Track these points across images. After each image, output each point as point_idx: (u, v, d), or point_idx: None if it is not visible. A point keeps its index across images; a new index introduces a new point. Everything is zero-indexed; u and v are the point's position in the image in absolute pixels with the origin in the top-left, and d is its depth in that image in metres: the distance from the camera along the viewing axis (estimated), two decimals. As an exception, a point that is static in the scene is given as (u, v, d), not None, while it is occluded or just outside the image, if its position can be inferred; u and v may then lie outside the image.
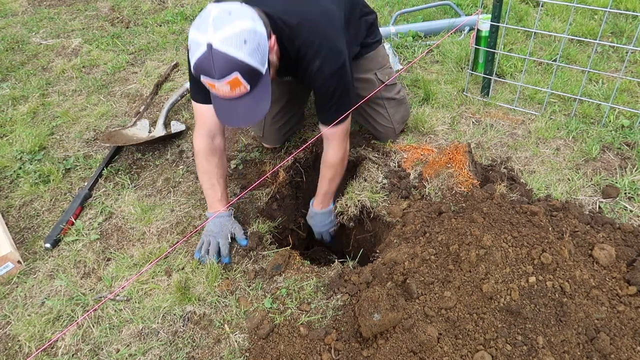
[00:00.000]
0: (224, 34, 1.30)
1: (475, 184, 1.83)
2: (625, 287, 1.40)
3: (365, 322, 1.32)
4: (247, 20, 1.34)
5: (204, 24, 1.32)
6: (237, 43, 1.30)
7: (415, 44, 2.94)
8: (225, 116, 1.48)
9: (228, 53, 1.30)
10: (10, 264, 1.77)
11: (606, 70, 2.53)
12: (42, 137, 2.44)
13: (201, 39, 1.31)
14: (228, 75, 1.33)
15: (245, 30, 1.32)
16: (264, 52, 1.40)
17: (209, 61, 1.30)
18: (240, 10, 1.36)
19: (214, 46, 1.29)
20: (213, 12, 1.34)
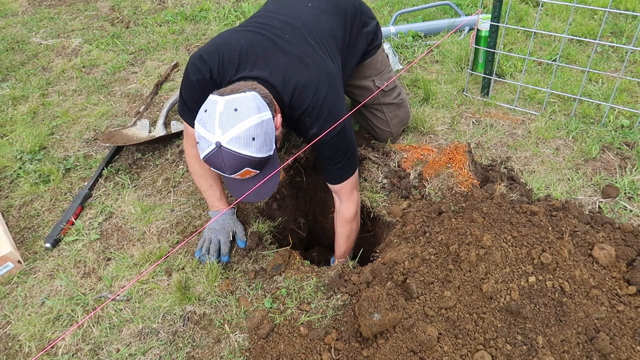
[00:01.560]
0: (231, 134, 1.31)
1: (475, 184, 1.83)
2: (625, 287, 1.40)
3: (365, 322, 1.32)
4: (253, 117, 1.34)
5: (211, 123, 1.33)
6: (246, 142, 1.33)
7: (415, 44, 2.94)
8: (236, 192, 1.50)
9: (237, 152, 1.33)
10: (11, 264, 1.77)
11: (606, 70, 2.53)
12: (42, 137, 2.44)
13: (210, 137, 1.33)
14: (239, 171, 1.38)
15: (252, 127, 1.33)
16: (272, 139, 1.42)
17: (219, 159, 1.34)
18: (245, 105, 1.35)
19: (223, 146, 1.32)
20: (219, 107, 1.34)
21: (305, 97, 1.52)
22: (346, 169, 1.67)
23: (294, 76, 1.52)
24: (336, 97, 1.59)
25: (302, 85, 1.52)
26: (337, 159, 1.63)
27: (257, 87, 1.45)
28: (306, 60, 1.55)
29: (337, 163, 1.64)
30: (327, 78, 1.56)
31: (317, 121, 1.55)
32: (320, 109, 1.54)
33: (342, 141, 1.60)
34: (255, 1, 3.72)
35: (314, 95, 1.52)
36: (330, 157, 1.64)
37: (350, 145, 1.64)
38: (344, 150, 1.62)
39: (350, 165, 1.67)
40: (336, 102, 1.58)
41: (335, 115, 1.56)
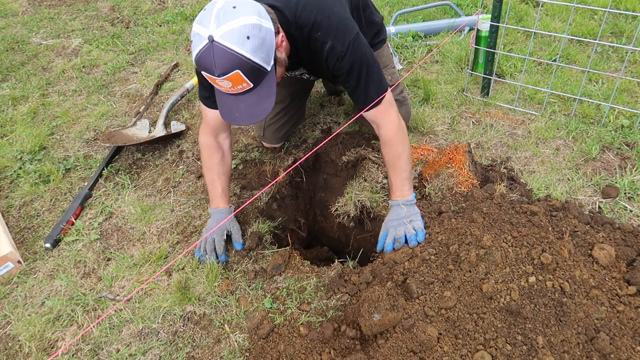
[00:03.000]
0: (226, 28, 1.25)
1: (475, 184, 1.83)
2: (625, 287, 1.40)
3: (365, 322, 1.32)
4: (252, 16, 1.29)
5: (207, 17, 1.27)
6: (240, 39, 1.25)
7: (415, 44, 2.94)
8: (227, 113, 1.44)
9: (229, 47, 1.25)
10: (11, 264, 1.77)
11: (606, 70, 2.53)
12: (42, 137, 2.44)
13: (203, 32, 1.26)
14: (229, 73, 1.29)
15: (249, 26, 1.27)
16: (269, 49, 1.34)
17: (210, 56, 1.26)
18: (246, 5, 1.31)
19: (215, 40, 1.24)
20: (218, 4, 1.29)
21: (310, 10, 1.50)
22: (373, 87, 1.57)
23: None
24: (344, 10, 1.57)
25: (304, 1, 1.50)
26: (358, 73, 1.54)
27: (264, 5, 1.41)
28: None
29: (358, 79, 1.55)
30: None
31: (329, 33, 1.50)
32: (329, 21, 1.50)
33: (358, 49, 1.52)
34: (255, 1, 3.72)
35: (319, 9, 1.50)
36: (350, 73, 1.55)
37: (368, 55, 1.55)
38: (364, 61, 1.54)
39: (375, 81, 1.58)
40: (344, 14, 1.55)
41: (346, 26, 1.52)
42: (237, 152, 2.26)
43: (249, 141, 2.33)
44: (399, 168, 1.67)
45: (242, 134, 2.38)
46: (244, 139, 2.34)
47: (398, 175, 1.68)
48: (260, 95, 1.38)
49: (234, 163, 2.18)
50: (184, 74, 2.94)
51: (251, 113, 1.40)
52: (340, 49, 1.51)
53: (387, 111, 1.63)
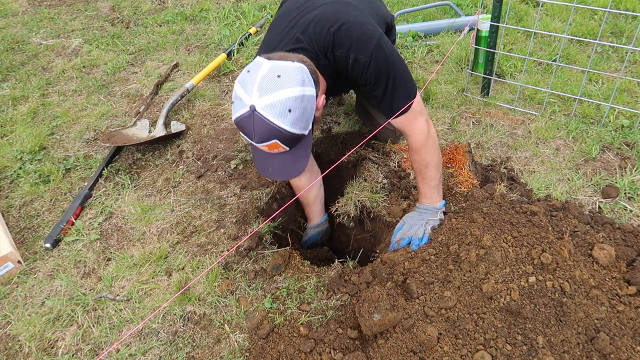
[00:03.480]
0: (268, 100, 1.24)
1: (475, 184, 1.83)
2: (625, 287, 1.40)
3: (365, 322, 1.32)
4: (296, 87, 1.27)
5: (251, 84, 1.27)
6: (281, 112, 1.25)
7: (415, 44, 2.94)
8: (262, 166, 1.44)
9: (270, 120, 1.25)
10: (11, 264, 1.77)
11: (606, 70, 2.53)
12: (42, 137, 2.44)
13: (245, 99, 1.27)
14: (267, 142, 1.30)
15: (292, 99, 1.26)
16: (309, 117, 1.34)
17: (250, 124, 1.27)
18: (290, 74, 1.28)
19: (256, 110, 1.25)
20: (262, 70, 1.28)
21: (323, 26, 1.46)
22: (399, 95, 1.52)
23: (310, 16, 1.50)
24: (361, 14, 1.51)
25: (317, 20, 1.48)
26: (385, 81, 1.49)
27: (307, 62, 1.39)
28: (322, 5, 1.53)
29: (385, 88, 1.50)
30: (342, 6, 1.51)
31: (350, 47, 1.46)
32: (347, 33, 1.45)
33: (382, 56, 1.46)
34: (255, 1, 3.72)
35: (334, 22, 1.46)
36: (377, 82, 1.50)
37: (394, 59, 1.49)
38: (390, 66, 1.48)
39: (402, 89, 1.52)
40: (362, 19, 1.48)
41: (366, 33, 1.46)
42: (237, 152, 2.26)
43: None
44: (428, 177, 1.64)
45: (242, 134, 2.38)
46: (244, 139, 2.34)
47: (426, 183, 1.66)
48: (295, 155, 1.38)
49: (234, 163, 2.18)
50: (184, 74, 2.95)
51: (284, 170, 1.40)
52: (364, 59, 1.47)
53: (415, 120, 1.58)
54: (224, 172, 2.15)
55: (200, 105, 2.64)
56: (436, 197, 1.67)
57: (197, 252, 1.78)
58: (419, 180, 1.68)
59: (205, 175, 2.14)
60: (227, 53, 2.96)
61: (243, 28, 3.38)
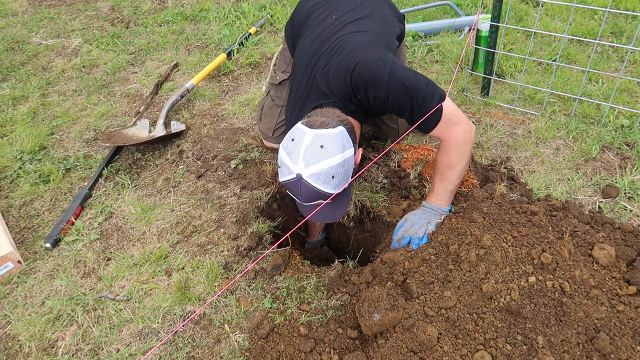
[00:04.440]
0: (313, 170, 1.37)
1: (475, 184, 1.83)
2: (625, 287, 1.40)
3: (365, 322, 1.32)
4: (337, 156, 1.39)
5: (296, 154, 1.38)
6: (326, 179, 1.38)
7: (415, 44, 2.94)
8: (305, 212, 1.55)
9: (315, 187, 1.38)
10: (11, 264, 1.77)
11: (606, 70, 2.53)
12: (42, 137, 2.44)
13: (292, 167, 1.39)
14: (313, 202, 1.45)
15: (334, 166, 1.38)
16: (349, 174, 1.46)
17: (297, 188, 1.40)
18: (332, 143, 1.39)
19: (303, 178, 1.37)
20: (306, 140, 1.38)
21: (339, 75, 1.54)
22: (427, 108, 1.52)
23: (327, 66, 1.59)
24: (370, 47, 1.56)
25: (333, 70, 1.55)
26: (409, 105, 1.52)
27: (345, 121, 1.49)
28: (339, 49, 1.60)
29: (412, 111, 1.53)
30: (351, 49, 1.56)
31: (366, 89, 1.52)
32: (360, 77, 1.51)
33: (396, 85, 1.49)
34: (255, 1, 3.72)
35: (347, 73, 1.53)
36: (401, 108, 1.54)
37: (410, 82, 1.50)
38: (408, 91, 1.50)
39: (427, 104, 1.52)
40: (370, 55, 1.52)
41: (375, 70, 1.49)
42: (237, 152, 2.26)
43: (249, 141, 2.33)
44: (447, 179, 1.65)
45: (242, 134, 2.38)
46: (244, 139, 2.34)
47: (443, 184, 1.67)
48: (336, 205, 1.51)
49: (234, 163, 2.19)
50: (184, 74, 2.95)
51: (325, 216, 1.53)
52: (382, 95, 1.52)
53: (450, 128, 1.58)
54: (224, 172, 2.15)
55: (200, 105, 2.64)
56: (447, 200, 1.69)
57: (197, 252, 1.78)
58: (437, 179, 1.68)
59: (205, 175, 2.14)
60: (227, 53, 2.96)
61: (243, 28, 3.38)
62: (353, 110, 1.62)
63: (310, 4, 1.88)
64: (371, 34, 1.65)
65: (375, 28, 1.70)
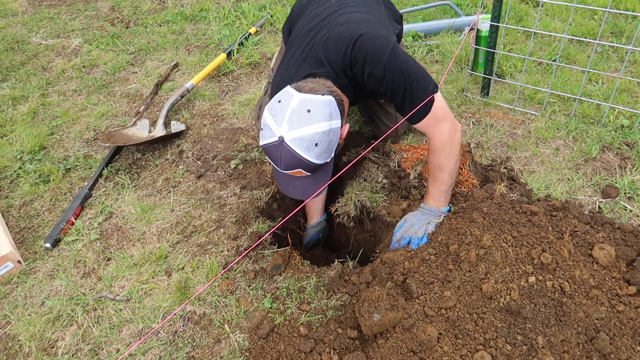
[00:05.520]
0: (297, 134, 1.32)
1: (475, 184, 1.83)
2: (625, 287, 1.40)
3: (365, 322, 1.32)
4: (324, 122, 1.34)
5: (281, 115, 1.34)
6: (309, 146, 1.33)
7: (415, 44, 2.94)
8: (282, 184, 1.51)
9: (297, 152, 1.33)
10: (11, 264, 1.77)
11: (606, 70, 2.53)
12: (42, 137, 2.44)
13: (275, 129, 1.34)
14: (292, 170, 1.39)
15: (319, 133, 1.33)
16: (333, 147, 1.42)
17: (277, 153, 1.35)
18: (319, 108, 1.35)
19: (285, 141, 1.32)
20: (293, 103, 1.34)
21: (341, 45, 1.50)
22: (418, 103, 1.51)
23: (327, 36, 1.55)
24: (373, 26, 1.55)
25: (334, 41, 1.52)
26: (403, 91, 1.50)
27: (335, 92, 1.45)
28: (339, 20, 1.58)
29: (403, 97, 1.52)
30: (356, 23, 1.54)
31: (364, 63, 1.49)
32: (360, 50, 1.48)
33: (395, 66, 1.47)
34: (255, 1, 3.72)
35: (350, 39, 1.49)
36: (394, 92, 1.52)
37: (409, 67, 1.50)
38: (406, 76, 1.49)
39: (419, 96, 1.52)
40: (374, 32, 1.50)
41: (378, 46, 1.47)
42: (237, 152, 2.27)
43: (249, 141, 2.33)
44: (439, 180, 1.65)
45: (242, 134, 2.38)
46: (244, 139, 2.34)
47: (437, 186, 1.66)
48: (315, 179, 1.45)
49: (234, 163, 2.19)
50: (184, 74, 2.95)
51: (304, 191, 1.47)
52: (378, 72, 1.49)
53: (437, 124, 1.58)
54: (224, 172, 2.15)
55: (200, 105, 2.64)
56: (443, 201, 1.68)
57: (197, 252, 1.78)
58: (430, 181, 1.69)
59: (205, 175, 2.14)
60: (227, 53, 2.96)
61: (243, 28, 3.38)
62: (345, 85, 1.57)
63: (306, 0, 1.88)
64: (374, 16, 1.65)
65: (376, 15, 1.70)
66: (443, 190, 1.66)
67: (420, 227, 1.63)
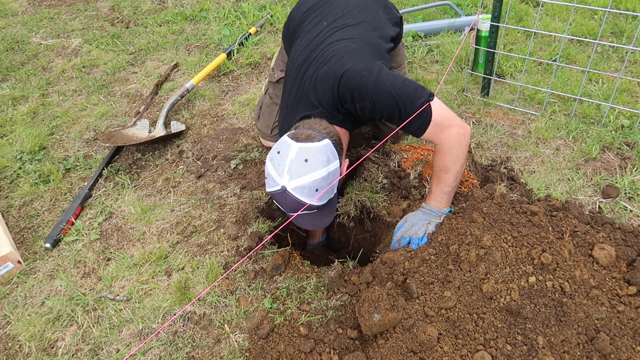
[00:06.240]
0: (297, 183, 1.39)
1: (475, 184, 1.83)
2: (625, 287, 1.40)
3: (365, 322, 1.32)
4: (322, 170, 1.41)
5: (281, 167, 1.41)
6: (309, 192, 1.41)
7: (415, 44, 2.94)
8: (294, 219, 1.55)
9: (300, 199, 1.41)
10: (10, 264, 1.77)
11: (606, 70, 2.53)
12: (42, 137, 2.44)
13: (277, 179, 1.42)
14: (297, 212, 1.46)
15: (318, 180, 1.41)
16: (334, 186, 1.48)
17: (282, 199, 1.43)
18: (316, 156, 1.41)
19: (287, 190, 1.40)
20: (291, 154, 1.41)
21: (327, 85, 1.56)
22: (413, 118, 1.51)
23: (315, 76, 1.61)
24: (354, 55, 1.57)
25: (321, 81, 1.57)
26: (397, 113, 1.52)
27: (331, 133, 1.51)
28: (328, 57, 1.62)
29: (398, 116, 1.53)
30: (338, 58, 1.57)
31: (353, 99, 1.55)
32: (346, 86, 1.53)
33: (382, 92, 1.49)
34: (255, 1, 3.72)
35: (334, 84, 1.55)
36: (389, 115, 1.54)
37: (397, 89, 1.50)
38: (395, 98, 1.50)
39: (417, 108, 1.50)
40: (355, 64, 1.53)
41: (361, 80, 1.50)
42: (237, 152, 2.26)
43: (249, 141, 2.33)
44: (443, 181, 1.64)
45: (242, 134, 2.38)
46: (244, 139, 2.34)
47: (440, 187, 1.66)
48: (322, 213, 1.53)
49: (234, 163, 2.19)
50: (184, 74, 2.95)
51: (313, 224, 1.56)
52: (368, 104, 1.54)
53: (442, 132, 1.57)
54: (224, 172, 2.15)
55: (200, 105, 2.64)
56: (445, 202, 1.68)
57: (197, 252, 1.78)
58: (434, 182, 1.69)
59: (205, 175, 2.14)
60: (227, 53, 2.96)
61: (243, 28, 3.38)
62: (341, 120, 1.65)
63: (304, 8, 1.90)
64: (359, 41, 1.66)
65: (365, 34, 1.70)
66: (446, 192, 1.66)
67: (421, 227, 1.63)
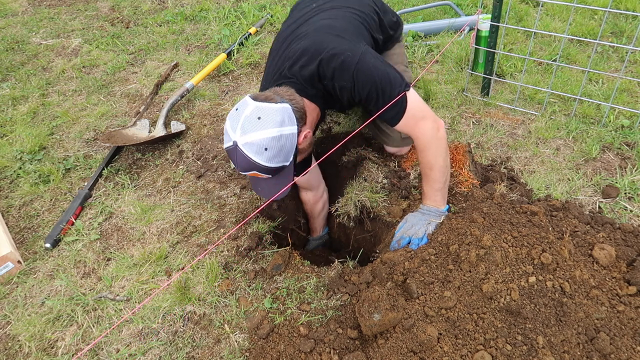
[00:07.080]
0: (248, 139, 1.40)
1: (475, 184, 1.83)
2: (625, 287, 1.40)
3: (365, 322, 1.32)
4: (273, 129, 1.41)
5: (236, 121, 1.42)
6: (258, 150, 1.41)
7: (415, 44, 2.94)
8: (253, 185, 1.60)
9: (249, 156, 1.41)
10: (10, 264, 1.77)
11: (606, 70, 2.53)
12: (42, 137, 2.44)
13: (230, 134, 1.43)
14: (248, 172, 1.47)
15: (268, 139, 1.40)
16: (288, 151, 1.47)
17: (234, 156, 1.44)
18: (270, 115, 1.41)
19: (238, 145, 1.41)
20: (246, 111, 1.42)
21: (308, 60, 1.56)
22: (390, 107, 1.54)
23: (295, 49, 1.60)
24: (339, 38, 1.58)
25: (300, 53, 1.57)
26: (375, 97, 1.54)
27: (294, 100, 1.50)
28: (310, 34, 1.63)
29: (375, 101, 1.55)
30: (323, 35, 1.59)
31: (332, 76, 1.55)
32: (328, 63, 1.53)
33: (364, 75, 1.52)
34: (255, 1, 3.72)
35: (315, 53, 1.55)
36: (367, 99, 1.56)
37: (379, 73, 1.53)
38: (376, 82, 1.52)
39: (395, 95, 1.53)
40: (340, 44, 1.54)
41: (344, 59, 1.51)
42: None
43: (249, 141, 2.33)
44: (432, 179, 1.65)
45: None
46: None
47: (430, 185, 1.67)
48: (277, 181, 1.53)
49: (234, 163, 2.18)
50: (184, 74, 2.94)
51: (269, 192, 1.55)
52: (348, 85, 1.55)
53: (417, 124, 1.59)
54: (224, 172, 2.15)
55: (200, 105, 2.64)
56: (440, 200, 1.68)
57: (197, 252, 1.78)
58: (424, 181, 1.69)
59: (205, 175, 2.14)
60: (227, 53, 2.96)
61: (243, 28, 3.38)
62: (313, 95, 1.62)
63: None
64: (342, 21, 1.68)
65: (351, 16, 1.73)
66: (437, 189, 1.66)
67: (421, 228, 1.63)
